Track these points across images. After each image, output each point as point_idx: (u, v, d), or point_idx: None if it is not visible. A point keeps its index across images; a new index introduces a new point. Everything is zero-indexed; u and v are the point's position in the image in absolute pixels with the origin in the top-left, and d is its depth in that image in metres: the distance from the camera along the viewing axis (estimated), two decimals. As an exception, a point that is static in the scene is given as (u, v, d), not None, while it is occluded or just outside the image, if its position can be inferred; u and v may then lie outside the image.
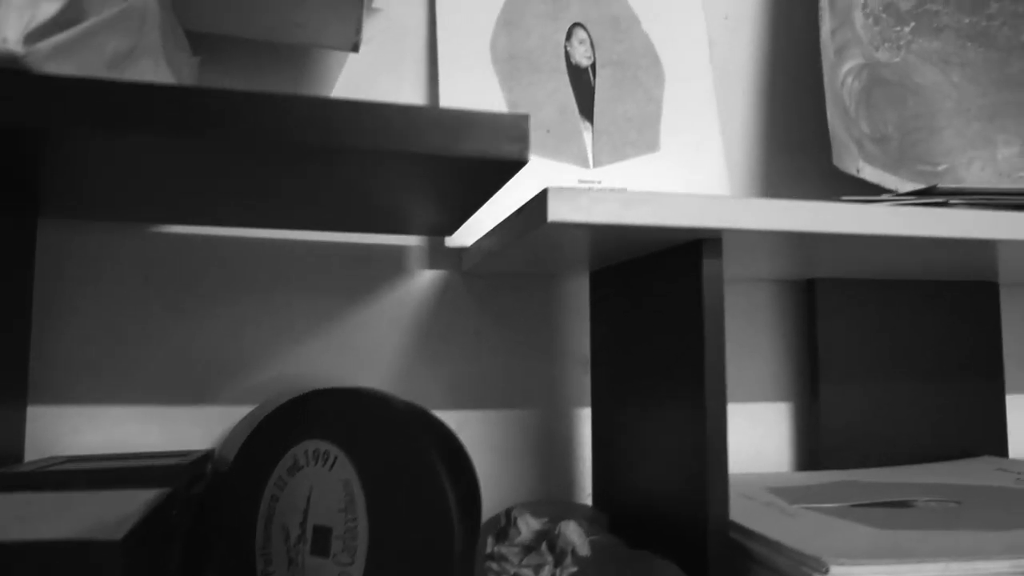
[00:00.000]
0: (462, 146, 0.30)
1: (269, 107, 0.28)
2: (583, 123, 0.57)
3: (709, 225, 0.36)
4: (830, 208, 0.38)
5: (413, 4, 0.57)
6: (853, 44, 0.62)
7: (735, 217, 0.36)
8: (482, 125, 0.30)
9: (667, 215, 0.35)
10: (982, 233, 0.41)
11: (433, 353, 0.55)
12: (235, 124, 0.28)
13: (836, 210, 0.38)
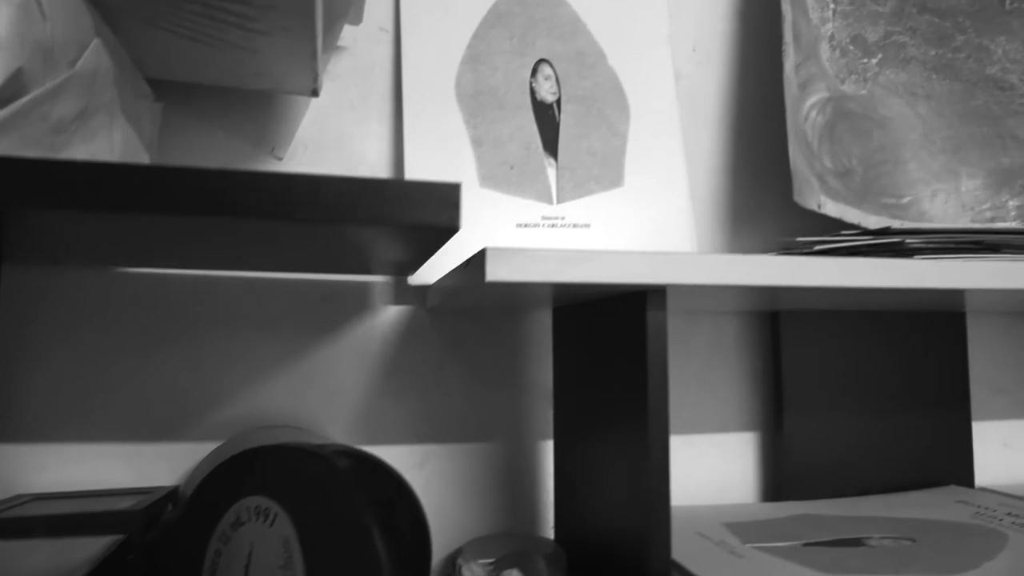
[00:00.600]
0: (392, 216, 0.30)
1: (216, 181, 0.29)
2: (547, 159, 0.58)
3: (648, 282, 0.37)
4: (772, 262, 0.39)
5: (380, 41, 0.58)
6: (818, 78, 0.62)
7: (676, 274, 0.37)
8: (414, 195, 0.31)
9: (605, 273, 0.36)
10: (925, 283, 0.42)
11: (398, 388, 0.56)
12: (185, 200, 0.28)
13: (778, 264, 0.39)
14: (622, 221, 0.58)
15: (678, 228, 0.60)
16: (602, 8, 0.62)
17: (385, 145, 0.57)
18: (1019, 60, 0.63)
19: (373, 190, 0.31)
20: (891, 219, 0.62)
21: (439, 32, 0.58)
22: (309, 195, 0.30)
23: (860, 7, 0.67)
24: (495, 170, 0.57)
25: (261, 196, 0.29)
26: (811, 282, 0.40)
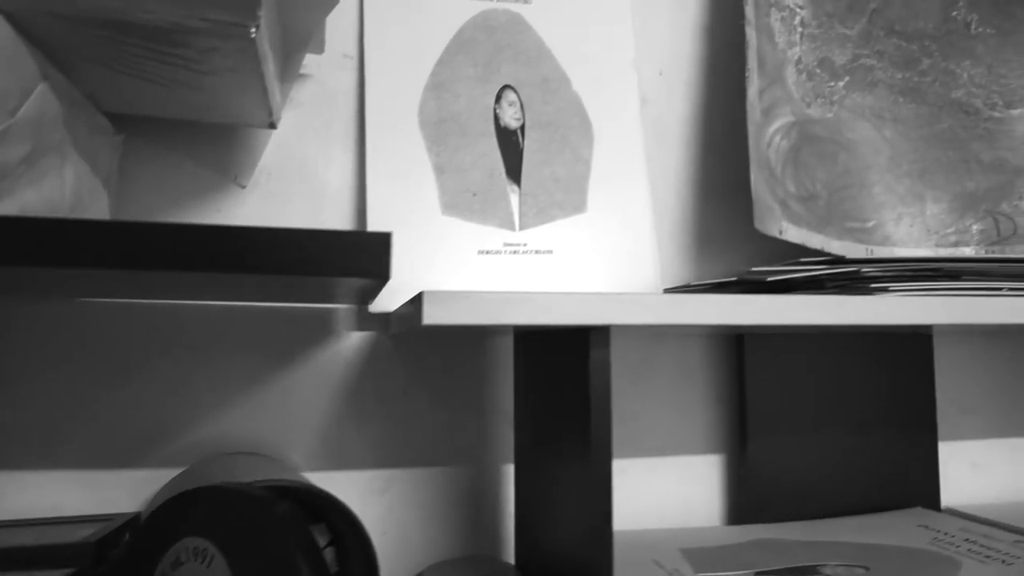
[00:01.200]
0: (321, 268, 0.31)
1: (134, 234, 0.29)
2: (510, 185, 0.58)
3: (588, 323, 0.37)
4: (711, 301, 0.39)
5: (344, 68, 0.58)
6: (783, 102, 0.63)
7: (616, 314, 0.38)
8: (343, 246, 0.31)
9: (542, 316, 0.37)
10: (867, 319, 0.42)
11: (361, 413, 0.57)
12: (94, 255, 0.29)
13: (717, 303, 0.39)
14: (585, 247, 0.59)
15: (641, 253, 0.60)
16: (567, 34, 0.62)
17: (349, 172, 0.58)
18: (984, 85, 0.63)
19: (302, 241, 0.31)
20: (855, 243, 0.62)
21: (403, 59, 0.58)
22: (236, 247, 0.30)
23: (828, 30, 0.67)
24: (457, 197, 0.57)
25: (186, 248, 0.29)
26: (751, 320, 0.40)
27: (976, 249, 0.62)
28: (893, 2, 0.67)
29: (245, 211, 0.56)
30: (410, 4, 0.59)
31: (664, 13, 0.66)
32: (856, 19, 0.67)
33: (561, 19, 0.62)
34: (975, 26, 0.64)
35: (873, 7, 0.67)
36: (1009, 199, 0.62)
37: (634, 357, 0.63)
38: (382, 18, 0.58)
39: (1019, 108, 0.62)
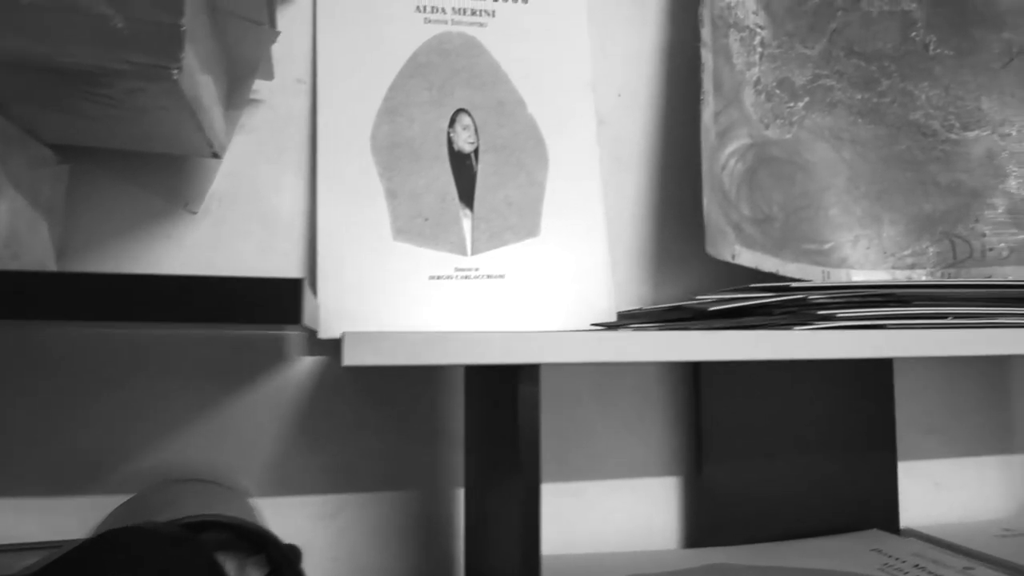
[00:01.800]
0: (231, 315, 0.31)
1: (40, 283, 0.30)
2: (463, 210, 0.58)
3: (510, 362, 0.37)
4: (639, 339, 0.39)
5: (297, 93, 0.58)
6: (740, 124, 0.63)
7: (539, 354, 0.38)
8: (253, 294, 0.31)
9: (468, 354, 0.37)
10: (802, 354, 0.42)
11: (312, 438, 0.57)
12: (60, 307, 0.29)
13: (644, 340, 0.39)
14: (537, 271, 0.59)
15: (594, 277, 0.60)
16: (523, 57, 0.62)
17: (301, 198, 0.58)
18: (941, 106, 0.63)
19: (212, 289, 0.31)
20: (811, 265, 0.62)
21: (356, 84, 0.58)
22: (148, 295, 0.30)
23: (789, 50, 0.67)
24: (409, 222, 0.57)
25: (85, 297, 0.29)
26: (683, 356, 0.40)
27: (932, 271, 0.62)
28: (853, 22, 0.67)
29: (196, 237, 0.56)
30: (364, 29, 0.59)
31: (623, 35, 0.66)
32: (817, 39, 0.67)
33: (517, 42, 0.62)
34: (933, 47, 0.64)
35: (834, 27, 0.67)
36: (965, 221, 0.62)
37: (592, 379, 0.63)
38: (335, 43, 0.58)
39: (975, 130, 0.62)
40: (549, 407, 0.62)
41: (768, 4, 0.68)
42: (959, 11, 0.63)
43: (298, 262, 0.57)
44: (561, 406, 0.62)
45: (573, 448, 0.62)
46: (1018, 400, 0.74)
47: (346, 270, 0.55)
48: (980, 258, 0.61)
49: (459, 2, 0.61)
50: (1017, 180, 0.61)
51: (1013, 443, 0.74)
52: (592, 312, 0.59)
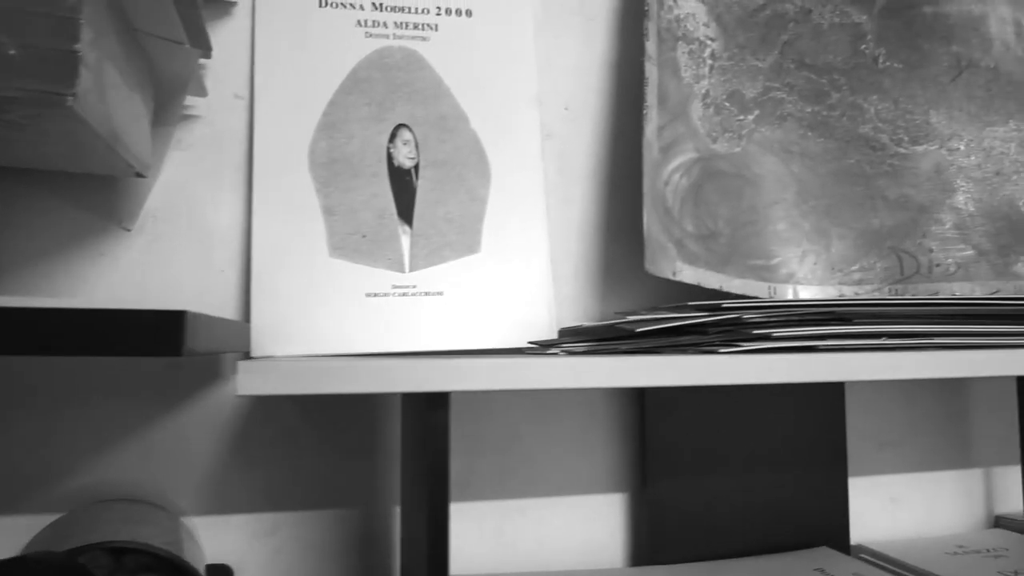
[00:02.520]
0: (109, 347, 0.31)
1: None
2: (402, 226, 0.58)
3: (413, 390, 0.37)
4: (550, 365, 0.38)
5: (235, 109, 0.58)
6: (686, 138, 0.62)
7: (443, 381, 0.37)
8: (132, 325, 0.31)
9: (368, 383, 0.36)
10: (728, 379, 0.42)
11: (249, 456, 0.56)
12: None
13: (554, 366, 0.39)
14: (477, 288, 0.58)
15: (535, 293, 0.60)
16: (467, 71, 0.61)
17: (238, 215, 0.57)
18: (890, 120, 0.63)
19: (91, 320, 0.31)
20: (758, 281, 0.61)
21: (294, 99, 0.58)
22: (18, 326, 0.30)
23: (740, 62, 0.66)
24: (346, 240, 0.57)
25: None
26: (598, 383, 0.39)
27: (880, 287, 0.61)
28: (804, 34, 0.66)
29: (131, 255, 0.55)
30: (303, 43, 0.59)
31: (571, 47, 0.66)
32: (769, 51, 0.66)
33: (461, 56, 0.62)
34: (883, 60, 0.63)
35: (785, 39, 0.66)
36: (913, 237, 0.61)
37: (536, 394, 0.62)
38: (274, 58, 0.58)
39: (924, 144, 0.62)
40: (492, 422, 0.61)
41: (720, 16, 0.67)
42: (908, 24, 0.63)
43: (235, 280, 0.57)
44: (504, 421, 0.62)
45: (516, 464, 0.62)
46: (976, 413, 0.74)
47: (281, 288, 0.55)
48: (927, 274, 0.60)
49: (401, 16, 0.61)
50: (964, 195, 0.61)
51: (971, 457, 0.73)
52: (532, 329, 0.59)
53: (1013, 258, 0.60)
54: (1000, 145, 0.61)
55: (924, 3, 0.62)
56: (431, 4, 0.62)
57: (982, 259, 0.60)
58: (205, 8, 0.57)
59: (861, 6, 0.64)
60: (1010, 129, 0.61)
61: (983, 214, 0.60)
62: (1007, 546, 0.66)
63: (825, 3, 0.65)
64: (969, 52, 0.61)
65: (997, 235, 0.60)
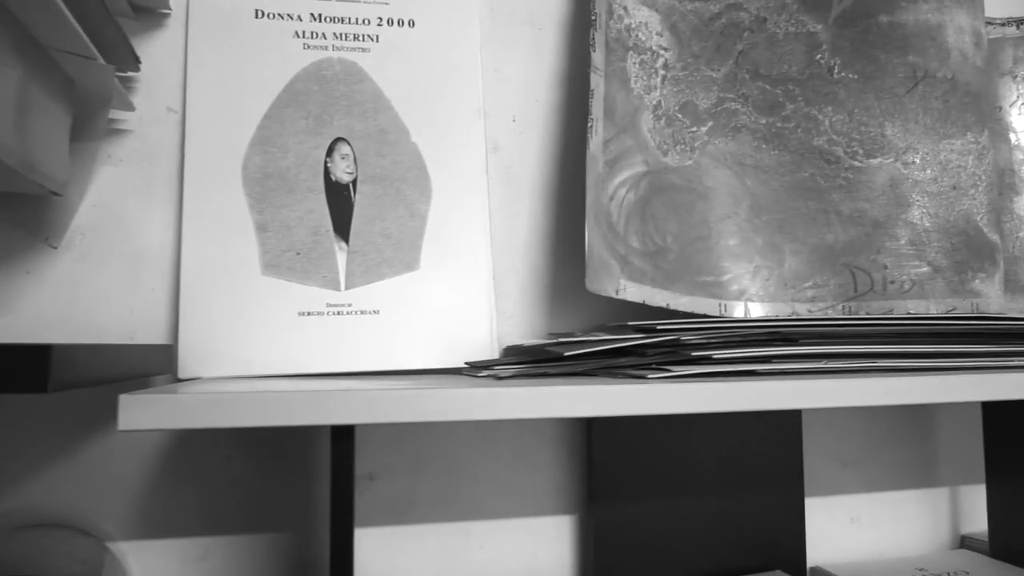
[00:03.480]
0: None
1: None
2: (338, 243, 0.56)
3: (310, 423, 0.35)
4: (444, 396, 0.37)
5: (167, 123, 0.57)
6: (634, 151, 0.60)
7: (343, 414, 0.36)
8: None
9: (261, 416, 0.35)
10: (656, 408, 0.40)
11: (179, 480, 0.55)
12: None
13: (459, 397, 0.37)
14: (414, 306, 0.57)
15: (476, 311, 0.58)
16: (408, 82, 0.60)
17: (170, 231, 0.56)
18: (845, 132, 0.61)
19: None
20: (707, 298, 0.60)
21: (228, 113, 0.56)
22: None
23: (694, 72, 0.65)
24: (279, 257, 0.55)
25: None
26: (505, 415, 0.38)
27: (833, 305, 0.59)
28: (760, 44, 0.64)
29: (57, 273, 0.54)
30: (238, 55, 0.57)
31: (520, 58, 0.64)
32: (723, 61, 0.65)
33: (402, 67, 0.60)
34: (838, 70, 0.62)
35: (740, 48, 0.65)
36: (867, 253, 0.59)
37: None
38: (207, 70, 0.57)
39: (878, 157, 0.60)
40: (435, 442, 0.60)
41: (674, 25, 0.65)
42: (864, 33, 0.61)
43: (165, 299, 0.55)
44: (449, 441, 0.60)
45: (460, 485, 0.60)
46: (941, 430, 0.72)
47: (210, 307, 0.54)
48: (881, 291, 0.59)
49: (341, 27, 0.59)
50: (920, 210, 0.59)
51: (936, 476, 0.71)
52: (472, 348, 0.57)
53: (970, 275, 0.58)
54: (957, 158, 0.59)
55: (880, 12, 0.61)
56: (372, 14, 0.60)
57: (938, 276, 0.58)
58: (136, 19, 0.56)
59: (816, 15, 0.63)
60: (967, 142, 0.59)
61: (939, 229, 0.59)
62: (970, 568, 0.64)
63: (780, 11, 0.64)
64: (926, 62, 0.59)
65: (953, 251, 0.58)
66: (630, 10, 0.63)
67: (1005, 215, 0.69)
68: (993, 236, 0.59)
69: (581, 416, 0.39)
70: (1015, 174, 0.70)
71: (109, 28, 0.47)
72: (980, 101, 0.60)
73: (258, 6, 0.58)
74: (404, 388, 0.37)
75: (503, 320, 0.61)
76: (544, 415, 0.38)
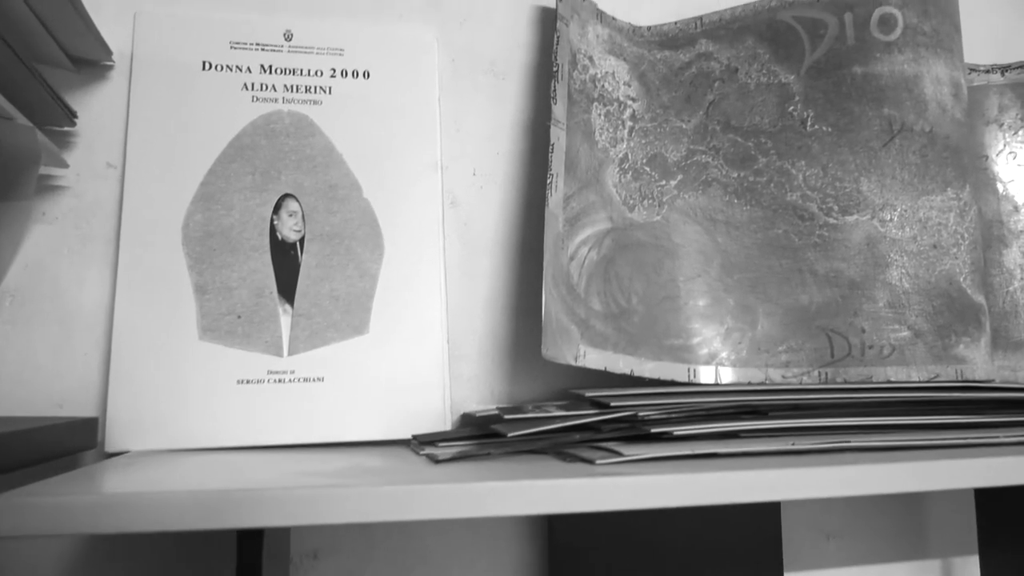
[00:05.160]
0: None
1: None
2: (283, 305, 0.54)
3: (205, 528, 0.32)
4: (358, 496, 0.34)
5: (107, 179, 0.54)
6: (598, 207, 0.58)
7: (245, 517, 0.32)
8: None
9: (144, 522, 0.31)
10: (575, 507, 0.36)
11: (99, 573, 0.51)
12: None
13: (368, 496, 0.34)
14: (362, 373, 0.54)
15: (428, 377, 0.55)
16: (361, 136, 0.57)
17: (105, 293, 0.53)
18: (819, 187, 0.58)
19: None
20: (675, 363, 0.56)
21: (170, 168, 0.54)
22: None
23: (663, 123, 0.62)
24: (219, 320, 0.52)
25: None
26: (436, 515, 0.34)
27: (808, 371, 0.56)
28: (730, 94, 0.62)
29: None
30: (183, 109, 0.55)
31: (481, 108, 0.62)
32: (693, 111, 0.62)
33: (356, 120, 0.58)
34: (811, 123, 0.59)
35: (711, 99, 0.62)
36: (844, 315, 0.56)
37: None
38: (150, 123, 0.54)
39: (854, 214, 0.57)
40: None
41: (643, 74, 0.63)
42: (837, 85, 0.58)
43: (98, 365, 0.52)
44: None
45: (413, 565, 0.56)
46: (931, 498, 0.68)
47: (142, 375, 0.50)
48: (860, 356, 0.55)
49: (292, 79, 0.57)
50: (899, 270, 0.56)
51: (926, 547, 0.67)
52: (423, 417, 0.54)
53: (953, 339, 0.55)
54: (937, 215, 0.56)
55: (854, 63, 0.58)
56: (326, 65, 0.58)
57: (919, 340, 0.55)
58: (77, 72, 0.54)
59: (788, 65, 0.60)
60: (948, 198, 0.56)
61: (919, 291, 0.55)
62: (962, 651, 0.60)
63: (752, 61, 0.61)
64: (902, 115, 0.57)
65: (935, 314, 0.55)
66: (596, 60, 0.61)
67: (994, 268, 0.66)
68: (978, 297, 0.56)
69: (511, 515, 0.35)
70: (1003, 226, 0.67)
71: (32, 85, 0.45)
72: (961, 155, 0.57)
73: (206, 58, 0.56)
74: (318, 485, 0.34)
75: (460, 384, 0.58)
76: (467, 515, 0.34)
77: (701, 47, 0.63)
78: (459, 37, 0.62)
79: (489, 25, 0.63)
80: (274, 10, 0.59)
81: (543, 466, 0.40)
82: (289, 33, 0.58)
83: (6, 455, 0.38)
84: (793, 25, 0.61)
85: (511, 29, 0.63)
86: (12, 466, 0.37)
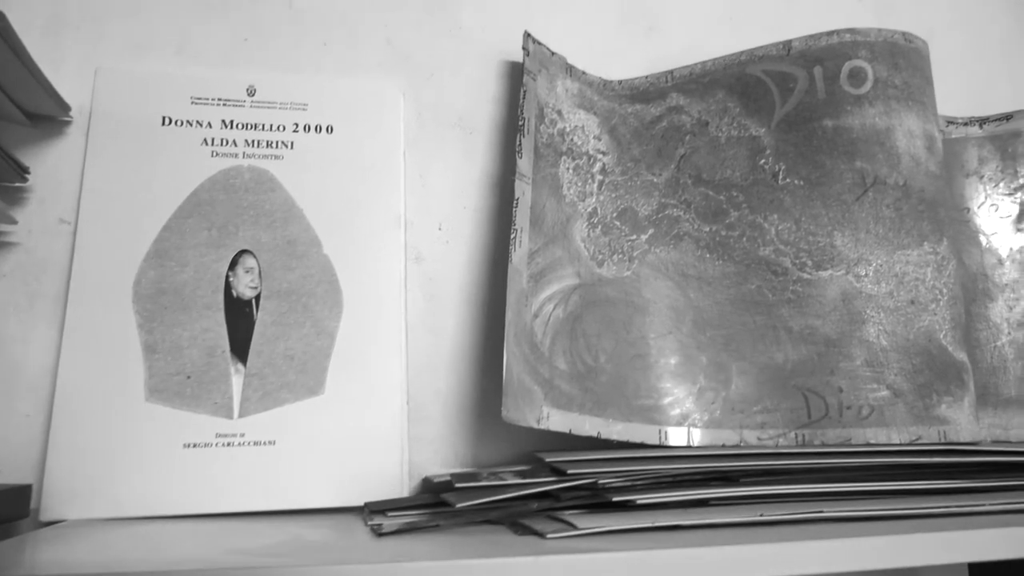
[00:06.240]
0: None
1: None
2: (235, 365, 0.52)
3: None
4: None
5: (59, 235, 0.53)
6: (565, 263, 0.56)
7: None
8: None
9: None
10: None
11: None
12: None
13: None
14: (316, 436, 0.51)
15: (387, 439, 0.52)
16: (323, 191, 0.56)
17: (52, 352, 0.51)
18: (792, 242, 0.56)
19: None
20: (646, 424, 0.54)
21: (124, 224, 0.53)
22: None
23: (634, 177, 0.61)
24: (167, 381, 0.50)
25: None
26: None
27: (784, 432, 0.53)
28: (701, 147, 0.61)
29: (-79, 400, 0.49)
30: (139, 164, 0.54)
31: (448, 162, 0.61)
32: (665, 165, 0.61)
33: (318, 175, 0.57)
34: (783, 176, 0.58)
35: (682, 152, 0.61)
36: (820, 374, 0.54)
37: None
38: (106, 179, 0.53)
39: (829, 269, 0.55)
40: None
41: (614, 128, 0.62)
42: (808, 138, 0.57)
43: (42, 427, 0.50)
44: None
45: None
46: (922, 570, 0.64)
47: (83, 438, 0.48)
48: (837, 417, 0.53)
49: (253, 134, 0.56)
50: (876, 327, 0.54)
51: (920, 619, 0.64)
52: (380, 482, 0.51)
53: (935, 399, 0.52)
54: (914, 270, 0.54)
55: (824, 116, 0.57)
56: (288, 120, 0.57)
57: (899, 400, 0.52)
58: (33, 126, 0.53)
59: (759, 119, 0.59)
60: (924, 252, 0.55)
61: (897, 349, 0.53)
62: None
63: (723, 115, 0.61)
64: (875, 168, 0.55)
65: (915, 373, 0.53)
66: (565, 114, 0.60)
67: (980, 323, 0.63)
68: (959, 355, 0.54)
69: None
70: (988, 279, 0.65)
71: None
72: (937, 208, 0.56)
73: (166, 113, 0.55)
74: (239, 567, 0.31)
75: (422, 447, 0.55)
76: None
77: (672, 100, 0.62)
78: (427, 91, 0.61)
79: (457, 79, 0.62)
80: (238, 65, 0.58)
81: (491, 540, 0.38)
82: (252, 88, 0.57)
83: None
84: (763, 79, 0.60)
85: (480, 83, 0.63)
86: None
